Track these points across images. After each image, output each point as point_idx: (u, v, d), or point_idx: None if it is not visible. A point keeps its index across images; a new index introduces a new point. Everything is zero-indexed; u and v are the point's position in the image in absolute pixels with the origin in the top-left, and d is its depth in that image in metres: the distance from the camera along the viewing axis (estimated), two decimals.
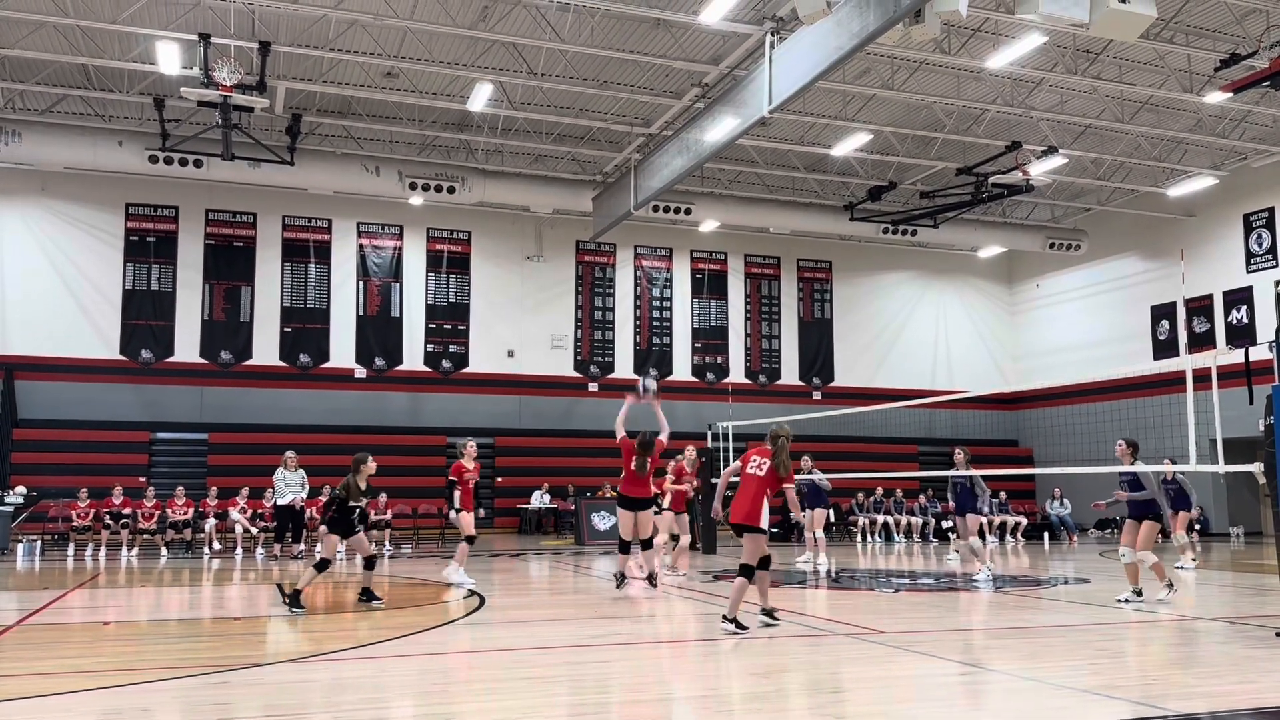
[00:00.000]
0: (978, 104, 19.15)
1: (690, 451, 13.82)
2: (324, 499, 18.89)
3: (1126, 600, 10.03)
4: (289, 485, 17.47)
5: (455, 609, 9.99)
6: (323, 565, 9.89)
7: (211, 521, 18.74)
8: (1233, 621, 9.14)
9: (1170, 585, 10.28)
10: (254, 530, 18.63)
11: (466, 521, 12.52)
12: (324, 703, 5.98)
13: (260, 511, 19.06)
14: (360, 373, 24.14)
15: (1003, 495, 23.07)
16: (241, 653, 7.67)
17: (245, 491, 19.09)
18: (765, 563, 8.59)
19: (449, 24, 15.84)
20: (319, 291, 24.03)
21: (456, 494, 12.57)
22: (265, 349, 23.51)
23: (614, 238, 25.27)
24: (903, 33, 12.57)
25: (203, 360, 23.07)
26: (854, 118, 19.67)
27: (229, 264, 23.39)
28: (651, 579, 11.08)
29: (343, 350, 24.04)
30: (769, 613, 8.59)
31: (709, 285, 27.24)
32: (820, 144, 21.19)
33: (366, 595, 10.25)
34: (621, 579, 11.34)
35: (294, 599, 9.60)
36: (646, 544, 10.96)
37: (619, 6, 15.15)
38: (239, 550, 18.40)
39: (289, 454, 17.68)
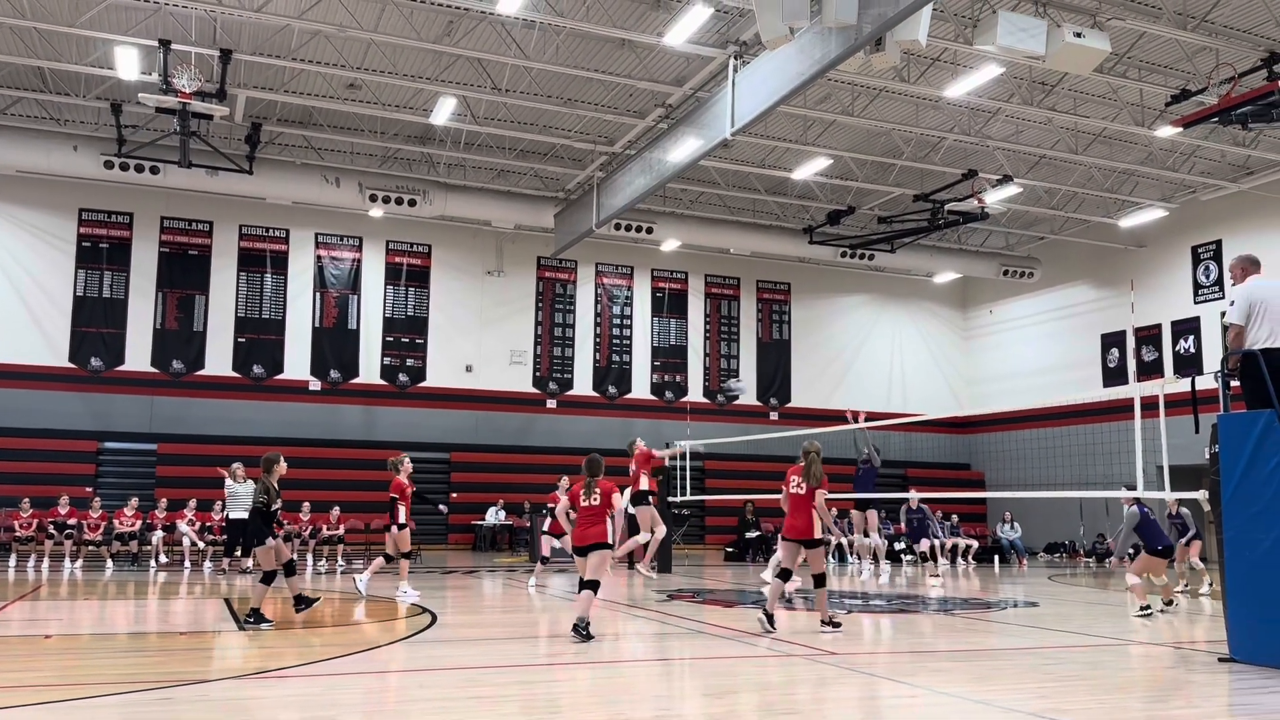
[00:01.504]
0: (935, 132, 19.45)
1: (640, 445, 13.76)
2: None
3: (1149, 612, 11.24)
4: (239, 498, 17.18)
5: (406, 626, 9.89)
6: (270, 578, 9.79)
7: (159, 534, 18.40)
8: (1177, 646, 9.30)
9: (1145, 608, 11.21)
10: (202, 543, 18.31)
11: (407, 538, 12.76)
12: None
13: (209, 524, 18.75)
14: (315, 385, 23.88)
15: (955, 518, 23.32)
16: (187, 668, 7.54)
17: (193, 504, 18.79)
18: (787, 575, 9.67)
19: (413, 37, 15.80)
20: (274, 302, 23.76)
21: (402, 510, 12.61)
22: (218, 359, 23.18)
23: (575, 254, 25.29)
24: (863, 60, 12.75)
25: (154, 369, 22.68)
26: (814, 142, 19.90)
27: (183, 272, 23.06)
28: (577, 625, 8.99)
29: (297, 362, 23.77)
30: (832, 623, 9.55)
31: (669, 304, 27.33)
32: (781, 167, 21.39)
33: (256, 617, 9.63)
34: (584, 631, 9.24)
35: (257, 616, 9.52)
36: (593, 585, 9.21)
37: (584, 26, 15.22)
38: (186, 563, 18.08)
39: (236, 465, 17.35)
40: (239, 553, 17.19)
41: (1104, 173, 21.71)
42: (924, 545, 18.21)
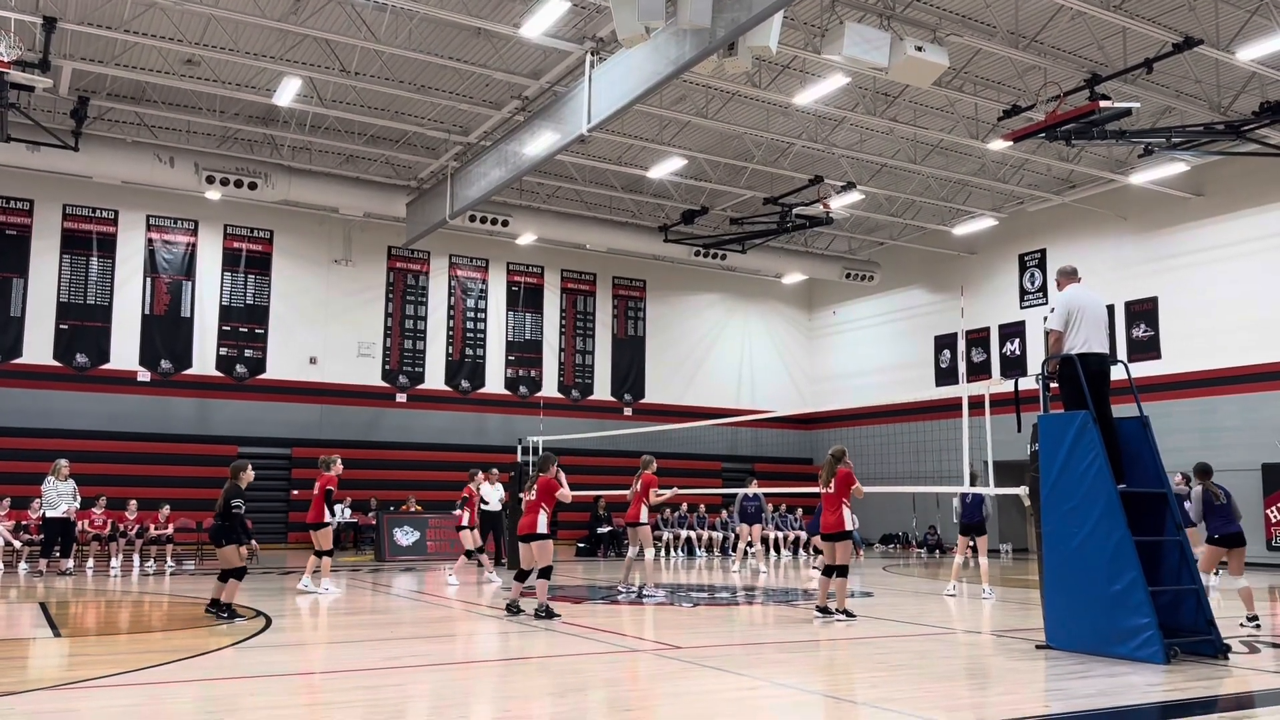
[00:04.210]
0: (785, 137, 19.95)
1: (650, 461, 13.84)
2: (97, 510, 17.63)
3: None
4: (61, 496, 16.16)
5: (238, 631, 9.48)
6: (241, 573, 10.19)
7: None
8: (999, 634, 9.83)
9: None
10: (17, 544, 17.09)
11: (328, 535, 13.35)
12: None
13: (24, 523, 17.53)
14: (144, 376, 22.59)
15: (800, 511, 24.04)
16: None
17: (7, 501, 17.53)
18: (844, 571, 10.48)
19: (257, 14, 15.12)
20: (101, 287, 22.34)
21: (325, 508, 13.25)
22: (38, 347, 21.63)
23: (428, 245, 24.81)
24: (716, 64, 12.96)
25: None
26: (670, 142, 20.11)
27: None
28: (538, 611, 10.37)
29: (125, 351, 22.42)
30: (845, 612, 10.41)
31: (525, 298, 27.13)
32: (637, 165, 21.54)
33: (219, 608, 10.21)
34: (515, 609, 10.75)
35: (229, 612, 9.93)
36: (542, 573, 10.35)
37: (439, 12, 14.91)
38: None
39: (60, 462, 16.36)
40: (58, 553, 16.20)
41: (940, 182, 22.75)
42: (748, 531, 18.42)
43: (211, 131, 20.47)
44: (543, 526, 10.44)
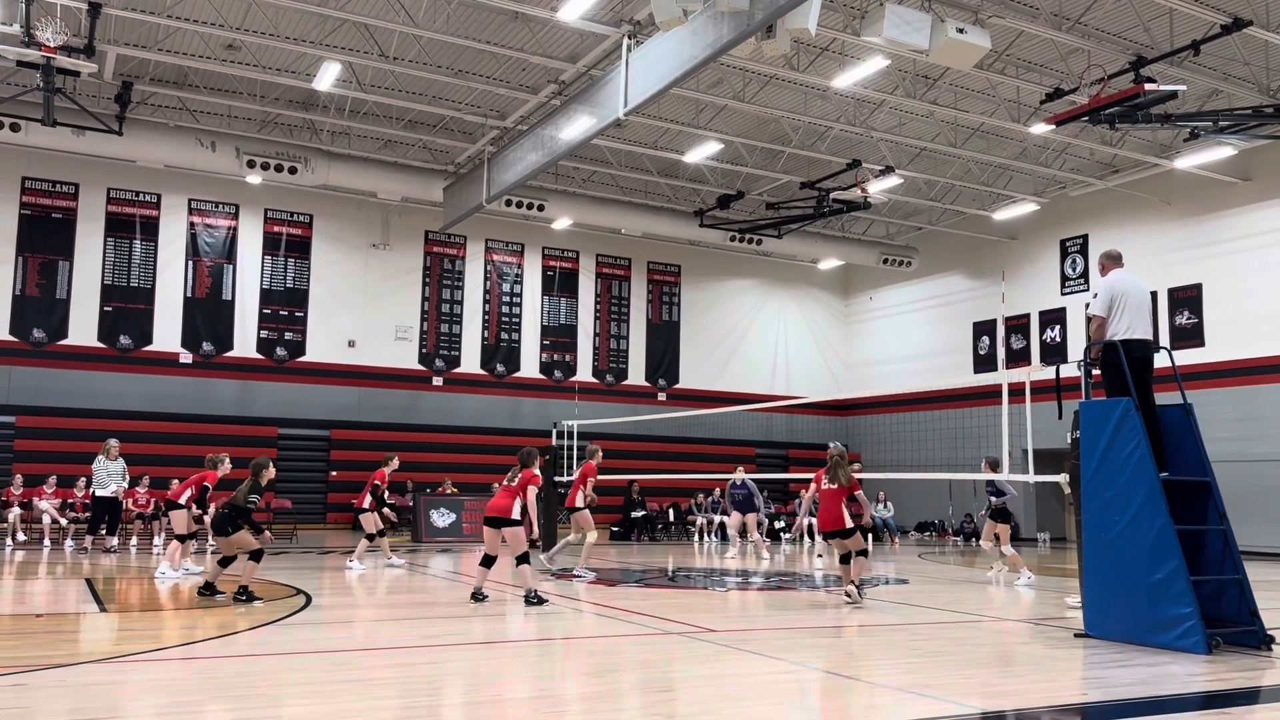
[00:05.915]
0: (822, 121, 19.79)
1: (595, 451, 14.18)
2: (141, 490, 17.97)
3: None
4: (111, 475, 16.50)
5: (278, 609, 9.63)
6: (258, 555, 10.12)
7: (16, 511, 17.47)
8: (1036, 622, 9.75)
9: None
10: (63, 521, 17.46)
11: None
12: (134, 706, 5.67)
13: (70, 501, 17.89)
14: (186, 357, 22.94)
15: None
16: (44, 652, 7.17)
17: (54, 479, 17.90)
18: (864, 553, 10.88)
19: None
20: (144, 270, 22.68)
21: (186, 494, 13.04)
22: (83, 328, 22.03)
23: (465, 230, 24.93)
24: (754, 47, 12.88)
25: (13, 338, 21.41)
26: (706, 126, 20.02)
27: (46, 236, 21.80)
28: (528, 597, 9.99)
29: (167, 333, 22.77)
30: (857, 588, 10.57)
31: (560, 283, 27.19)
32: (673, 149, 21.47)
33: (211, 590, 10.28)
34: (481, 596, 10.32)
35: (246, 595, 9.75)
36: (521, 559, 10.03)
37: None
38: (46, 542, 17.23)
39: (111, 442, 16.70)
40: (104, 530, 16.52)
41: (980, 166, 22.47)
42: (740, 520, 18.26)
43: (252, 116, 20.67)
44: (516, 513, 10.03)
